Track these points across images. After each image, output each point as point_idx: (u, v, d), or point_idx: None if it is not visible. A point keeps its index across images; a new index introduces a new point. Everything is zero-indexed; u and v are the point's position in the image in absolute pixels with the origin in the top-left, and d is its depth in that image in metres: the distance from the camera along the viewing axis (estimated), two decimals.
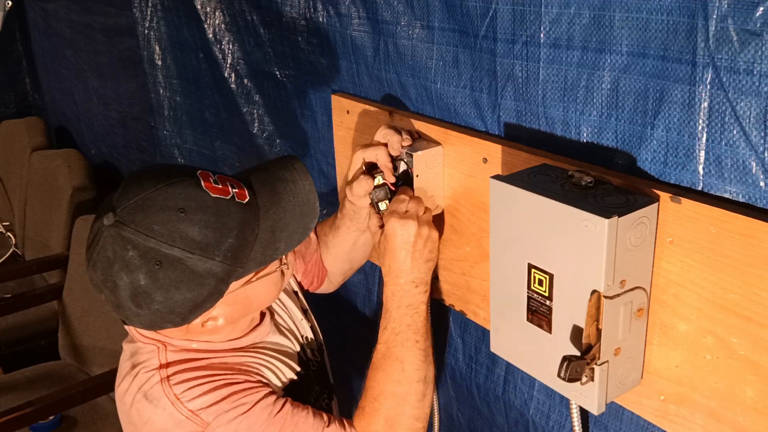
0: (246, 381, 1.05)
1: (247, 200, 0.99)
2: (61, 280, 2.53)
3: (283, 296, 1.27)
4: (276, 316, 1.23)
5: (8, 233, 3.22)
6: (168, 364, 1.05)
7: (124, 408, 1.07)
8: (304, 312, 1.30)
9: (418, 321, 1.11)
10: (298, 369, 1.17)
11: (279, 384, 1.13)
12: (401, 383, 1.09)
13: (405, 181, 1.16)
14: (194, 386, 1.02)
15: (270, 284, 1.07)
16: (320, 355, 1.29)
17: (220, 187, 0.98)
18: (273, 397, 1.05)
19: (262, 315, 1.18)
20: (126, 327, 1.09)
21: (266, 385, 1.08)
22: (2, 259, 3.09)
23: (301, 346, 1.23)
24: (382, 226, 1.14)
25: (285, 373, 1.15)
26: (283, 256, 1.08)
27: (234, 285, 1.00)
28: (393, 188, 1.16)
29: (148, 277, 0.93)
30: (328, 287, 1.41)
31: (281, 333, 1.21)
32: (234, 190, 0.98)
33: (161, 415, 1.01)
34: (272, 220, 1.01)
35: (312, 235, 1.35)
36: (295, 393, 1.13)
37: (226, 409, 1.01)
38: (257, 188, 1.02)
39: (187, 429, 1.00)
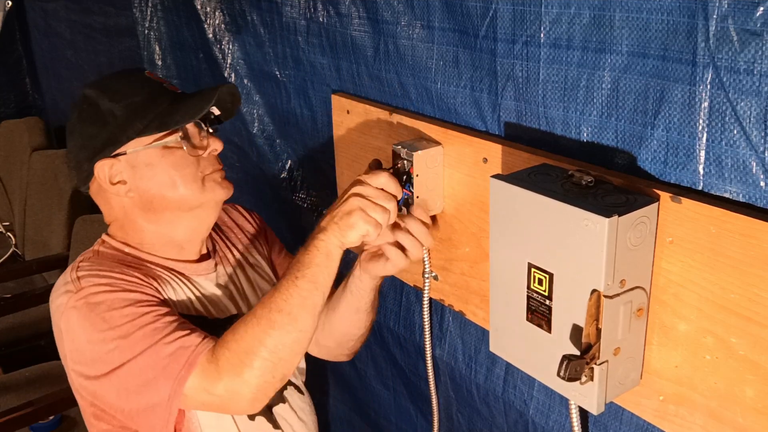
0: (141, 282, 1.12)
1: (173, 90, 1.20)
2: None
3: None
4: (233, 279, 1.27)
5: (8, 233, 3.22)
6: (89, 258, 1.18)
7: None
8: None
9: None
10: (212, 318, 1.20)
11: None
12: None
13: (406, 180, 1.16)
14: (92, 267, 1.13)
15: (170, 162, 1.15)
16: None
17: (160, 78, 1.22)
18: (154, 304, 1.09)
19: (207, 258, 1.27)
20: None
21: (162, 301, 1.12)
22: (2, 259, 3.09)
23: (238, 313, 1.26)
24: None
25: (193, 308, 1.19)
26: (188, 144, 1.16)
27: (135, 144, 1.14)
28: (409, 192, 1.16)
29: (77, 116, 1.18)
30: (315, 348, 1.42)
31: (221, 288, 1.25)
32: (169, 85, 1.21)
33: (58, 285, 1.13)
34: (183, 98, 1.18)
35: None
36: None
37: (101, 283, 1.09)
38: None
39: (68, 290, 1.10)
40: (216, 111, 1.20)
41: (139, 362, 1.04)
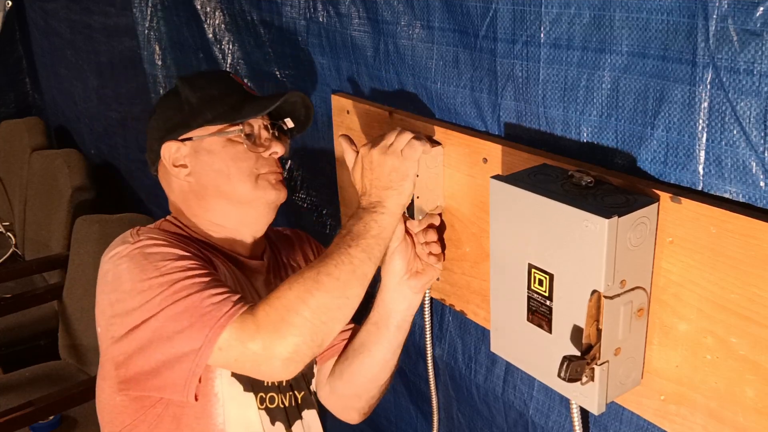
0: (195, 252, 1.12)
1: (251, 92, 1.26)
2: (61, 280, 2.53)
3: None
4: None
5: (8, 233, 3.22)
6: (150, 227, 1.21)
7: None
8: None
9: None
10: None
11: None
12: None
13: None
14: (153, 230, 1.18)
15: (229, 154, 1.19)
16: None
17: (241, 80, 1.28)
18: (206, 267, 1.08)
19: (261, 260, 1.28)
20: None
21: (214, 270, 1.11)
22: (2, 259, 3.09)
23: None
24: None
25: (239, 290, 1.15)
26: (249, 140, 1.20)
27: (202, 131, 1.20)
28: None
29: (161, 101, 1.28)
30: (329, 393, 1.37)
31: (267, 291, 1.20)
32: (248, 88, 1.27)
33: (114, 243, 1.14)
34: (254, 98, 1.24)
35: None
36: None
37: (158, 238, 1.12)
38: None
39: (125, 242, 1.12)
40: (290, 122, 1.26)
41: (180, 306, 1.01)
